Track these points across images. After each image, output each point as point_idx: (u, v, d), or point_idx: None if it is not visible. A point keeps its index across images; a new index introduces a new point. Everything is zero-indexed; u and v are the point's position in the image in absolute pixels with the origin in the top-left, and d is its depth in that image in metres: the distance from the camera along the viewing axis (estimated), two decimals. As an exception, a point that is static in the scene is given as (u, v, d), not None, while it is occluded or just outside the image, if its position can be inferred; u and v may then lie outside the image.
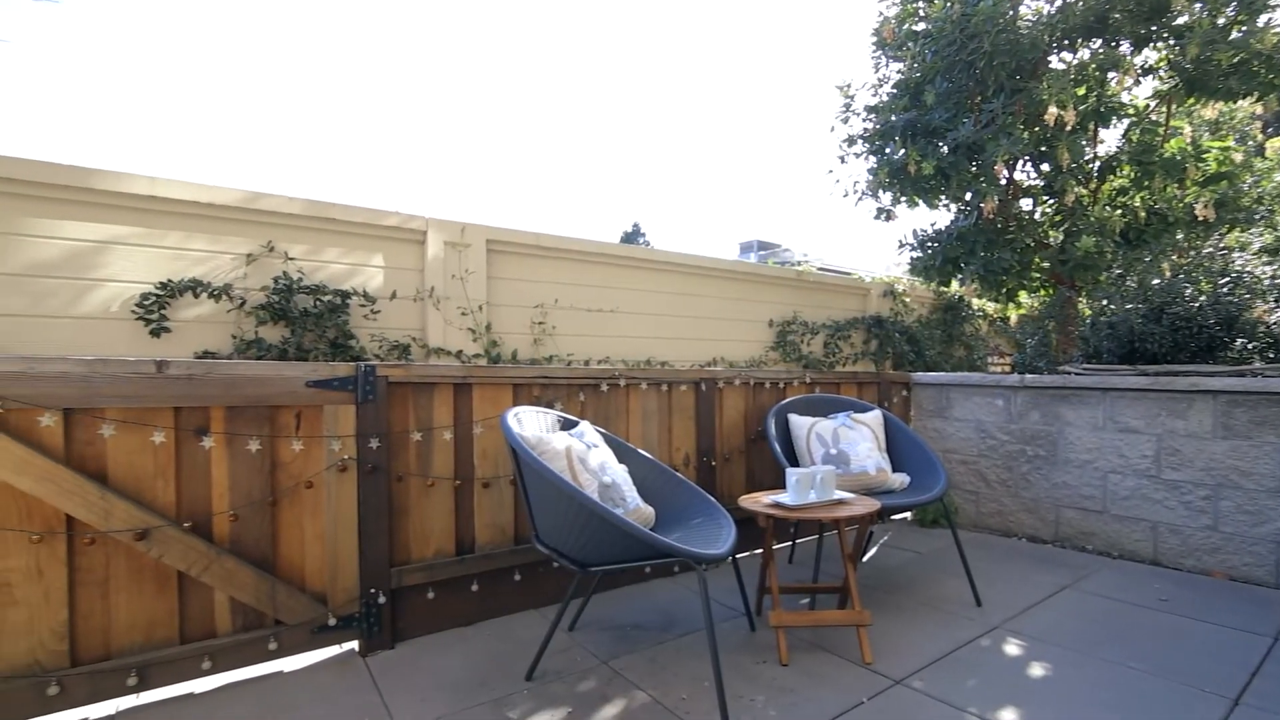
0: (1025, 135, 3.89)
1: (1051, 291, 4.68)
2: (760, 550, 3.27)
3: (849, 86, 4.67)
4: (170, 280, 2.82)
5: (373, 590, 2.19)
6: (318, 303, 3.12)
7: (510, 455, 2.39)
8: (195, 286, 2.87)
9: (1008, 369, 4.93)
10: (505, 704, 1.89)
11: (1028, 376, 3.68)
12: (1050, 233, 4.41)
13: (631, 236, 23.11)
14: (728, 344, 4.56)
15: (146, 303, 2.75)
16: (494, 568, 2.49)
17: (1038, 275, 4.52)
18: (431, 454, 2.39)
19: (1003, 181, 4.13)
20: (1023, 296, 4.97)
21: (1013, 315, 5.17)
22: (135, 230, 2.78)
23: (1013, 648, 2.27)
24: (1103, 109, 3.95)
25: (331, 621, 2.12)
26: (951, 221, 4.57)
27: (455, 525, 2.45)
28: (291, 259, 3.12)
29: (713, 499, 2.33)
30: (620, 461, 2.38)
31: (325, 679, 2.04)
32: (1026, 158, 4.32)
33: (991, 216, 4.12)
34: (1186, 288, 3.75)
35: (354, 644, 2.22)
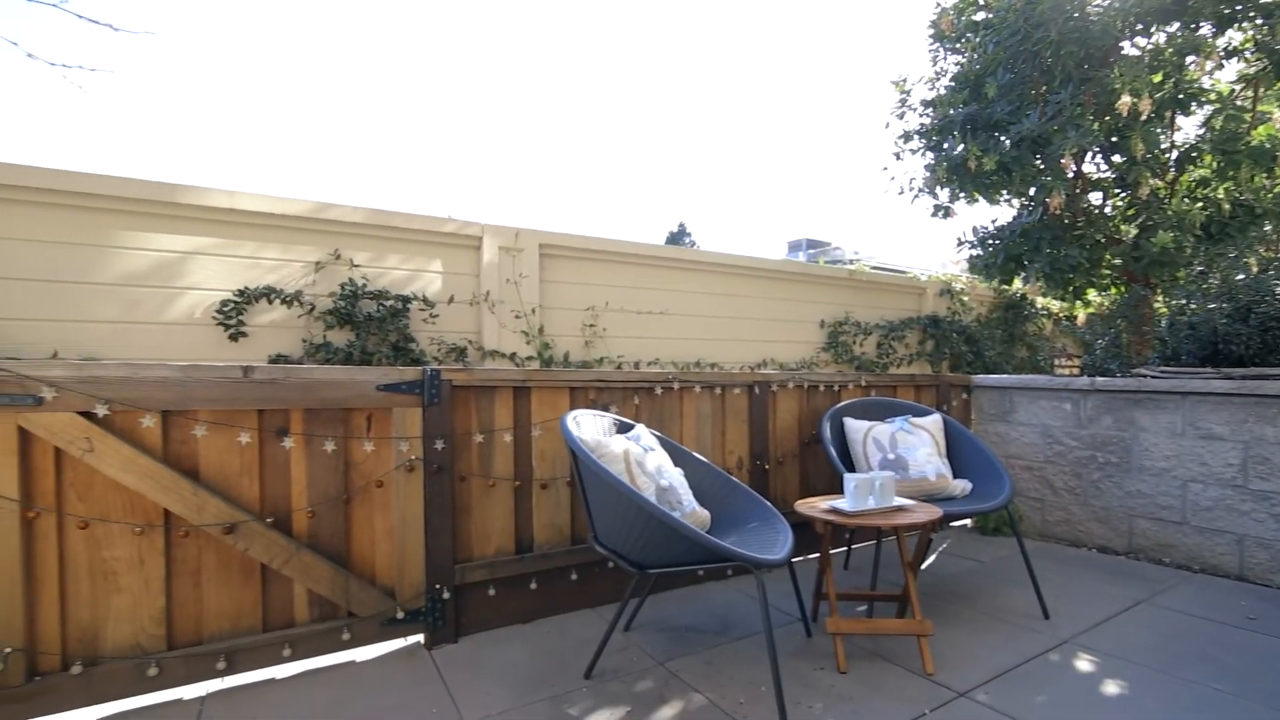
0: (1095, 126, 3.72)
1: (1123, 289, 4.46)
2: (814, 555, 3.24)
3: (904, 81, 4.55)
4: (246, 288, 2.99)
5: (437, 586, 2.27)
6: (380, 307, 3.25)
7: (569, 457, 2.44)
8: (269, 293, 3.03)
9: (1076, 371, 4.72)
10: (565, 701, 1.93)
11: (1099, 379, 3.51)
12: (1123, 228, 4.19)
13: (677, 237, 23.05)
14: (778, 345, 4.51)
15: (225, 309, 2.93)
16: (551, 567, 2.55)
17: (1108, 272, 4.31)
18: (492, 455, 2.46)
19: (1070, 175, 3.96)
20: (1091, 295, 4.74)
21: (1080, 314, 4.94)
22: (215, 241, 2.96)
23: (1085, 663, 2.18)
24: (1181, 95, 3.73)
25: (399, 615, 2.21)
26: (1014, 217, 4.40)
27: (515, 525, 2.51)
28: (356, 266, 3.26)
29: (768, 503, 2.32)
30: (676, 465, 2.40)
31: (394, 669, 2.13)
32: (1096, 149, 4.12)
33: (1058, 212, 3.95)
34: (1277, 284, 3.51)
35: (419, 637, 2.31)
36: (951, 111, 4.19)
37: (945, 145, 4.34)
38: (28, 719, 1.75)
